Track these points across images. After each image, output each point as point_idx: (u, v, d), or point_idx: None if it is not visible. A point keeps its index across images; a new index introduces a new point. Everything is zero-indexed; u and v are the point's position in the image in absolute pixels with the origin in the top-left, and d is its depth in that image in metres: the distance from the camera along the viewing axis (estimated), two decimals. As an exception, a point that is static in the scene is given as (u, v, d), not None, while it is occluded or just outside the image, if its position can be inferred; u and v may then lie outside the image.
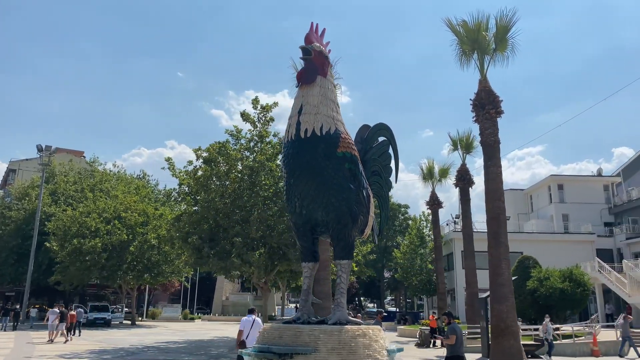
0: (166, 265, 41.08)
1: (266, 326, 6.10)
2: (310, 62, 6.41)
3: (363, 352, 5.31)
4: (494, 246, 16.98)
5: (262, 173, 22.51)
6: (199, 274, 57.53)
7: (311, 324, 5.92)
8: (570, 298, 25.61)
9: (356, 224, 6.54)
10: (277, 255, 22.76)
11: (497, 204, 17.27)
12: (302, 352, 5.07)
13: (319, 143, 6.14)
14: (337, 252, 6.48)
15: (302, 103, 6.32)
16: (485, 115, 17.74)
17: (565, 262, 32.12)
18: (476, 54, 18.22)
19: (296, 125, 6.27)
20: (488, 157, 17.69)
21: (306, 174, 6.22)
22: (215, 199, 21.90)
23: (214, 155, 22.55)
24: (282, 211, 22.48)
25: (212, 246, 21.64)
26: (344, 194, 6.27)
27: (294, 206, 6.49)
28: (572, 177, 49.57)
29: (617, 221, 44.27)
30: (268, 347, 5.28)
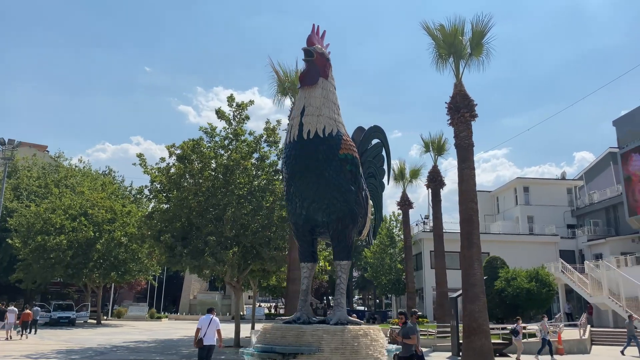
0: (134, 264, 40.39)
1: (267, 326, 6.09)
2: (312, 64, 6.42)
3: (365, 351, 5.37)
4: (467, 247, 17.31)
5: (237, 171, 22.34)
6: (166, 273, 56.74)
7: (312, 324, 5.93)
8: (536, 298, 26.36)
9: (356, 225, 6.59)
10: (250, 254, 22.67)
11: (470, 205, 17.62)
12: (306, 351, 5.09)
13: (321, 144, 6.15)
14: (337, 252, 6.51)
15: (304, 104, 6.32)
16: (460, 119, 18.06)
17: (529, 262, 33.04)
18: (452, 58, 18.50)
19: (298, 126, 6.26)
20: (462, 160, 18.02)
21: (308, 174, 6.22)
22: (189, 197, 21.63)
23: (187, 153, 22.25)
24: (257, 210, 22.39)
25: (185, 245, 21.36)
26: (346, 196, 6.30)
27: (295, 207, 6.49)
28: (537, 179, 50.91)
29: (579, 223, 45.73)
30: (271, 347, 5.27)
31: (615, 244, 38.67)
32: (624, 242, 38.37)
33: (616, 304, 29.70)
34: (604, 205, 43.73)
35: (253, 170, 23.37)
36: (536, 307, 27.49)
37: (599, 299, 31.07)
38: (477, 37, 18.26)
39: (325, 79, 6.45)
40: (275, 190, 23.28)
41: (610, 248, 38.41)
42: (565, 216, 46.92)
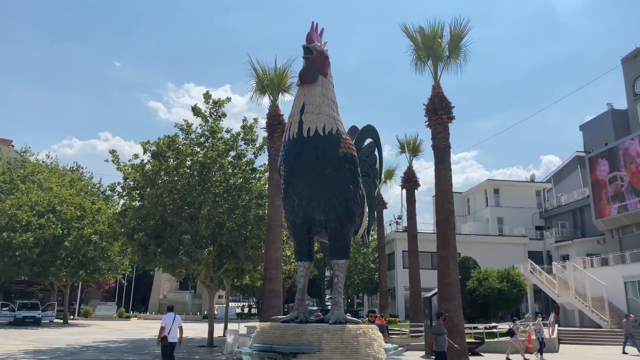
0: (103, 262, 39.60)
1: (265, 325, 6.02)
2: (312, 62, 6.39)
3: (365, 350, 5.37)
4: (443, 247, 17.53)
5: (213, 169, 22.13)
6: (135, 271, 55.80)
7: (309, 323, 5.89)
8: (507, 298, 26.86)
9: (354, 224, 6.59)
10: (226, 253, 22.49)
11: (447, 206, 17.84)
12: (307, 351, 5.06)
13: (321, 143, 6.13)
14: (334, 252, 6.49)
15: (304, 102, 6.28)
16: (438, 120, 18.26)
17: (499, 263, 33.68)
18: (431, 61, 18.68)
19: (298, 124, 6.22)
20: (439, 161, 18.23)
21: (307, 173, 6.19)
22: (164, 195, 21.32)
23: (163, 150, 21.92)
24: (233, 209, 22.22)
25: (159, 243, 21.05)
26: (345, 195, 6.29)
27: (292, 205, 6.44)
28: (507, 182, 51.91)
29: (547, 225, 46.84)
30: (271, 347, 5.22)
31: (581, 246, 39.75)
32: (590, 244, 39.48)
33: (582, 304, 30.53)
34: (571, 208, 44.89)
35: (229, 168, 23.19)
36: (507, 307, 28.04)
37: (566, 299, 31.89)
38: (455, 40, 18.47)
39: (324, 77, 6.44)
40: (251, 188, 23.16)
41: (576, 249, 39.45)
42: (534, 218, 48.00)
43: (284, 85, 20.80)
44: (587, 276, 31.13)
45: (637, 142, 32.92)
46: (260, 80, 20.72)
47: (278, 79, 20.49)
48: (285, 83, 20.74)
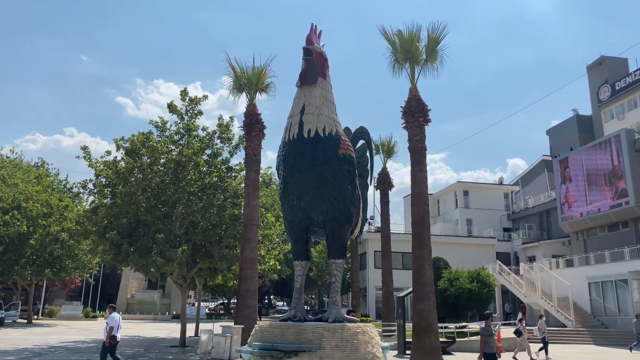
0: (70, 260, 38.70)
1: (264, 324, 6.03)
2: (312, 63, 6.42)
3: (364, 348, 5.44)
4: (418, 247, 17.76)
5: (188, 167, 21.91)
6: (102, 270, 54.73)
7: (308, 322, 5.93)
8: (477, 298, 27.42)
9: (351, 225, 6.66)
10: (199, 252, 22.30)
11: (422, 207, 18.09)
12: (308, 349, 5.10)
13: (321, 143, 6.17)
14: (332, 251, 6.54)
15: (304, 103, 6.31)
16: (414, 123, 18.49)
17: (468, 263, 34.35)
18: (408, 64, 18.90)
19: (298, 124, 6.25)
20: (415, 163, 18.45)
21: (307, 173, 6.22)
22: (137, 193, 21.00)
23: (137, 147, 21.59)
24: (207, 207, 22.04)
25: (132, 242, 20.73)
26: (343, 195, 6.36)
27: (291, 205, 6.47)
28: (477, 184, 52.92)
29: (514, 227, 47.94)
30: (272, 345, 5.23)
31: (547, 247, 40.83)
32: (556, 246, 40.60)
33: (548, 304, 31.37)
34: (537, 210, 46.07)
35: (205, 166, 23.00)
36: (477, 306, 28.62)
37: (533, 299, 32.70)
38: (433, 44, 18.71)
39: (323, 79, 6.49)
40: (227, 187, 23.02)
41: (543, 251, 40.51)
42: (502, 220, 49.06)
43: (262, 84, 20.74)
44: (553, 277, 32.01)
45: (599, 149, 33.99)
46: (238, 79, 20.62)
47: (256, 77, 20.42)
48: (263, 82, 20.69)
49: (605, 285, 30.02)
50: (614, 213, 32.13)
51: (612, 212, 32.15)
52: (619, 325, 28.55)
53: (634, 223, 31.75)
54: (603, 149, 33.32)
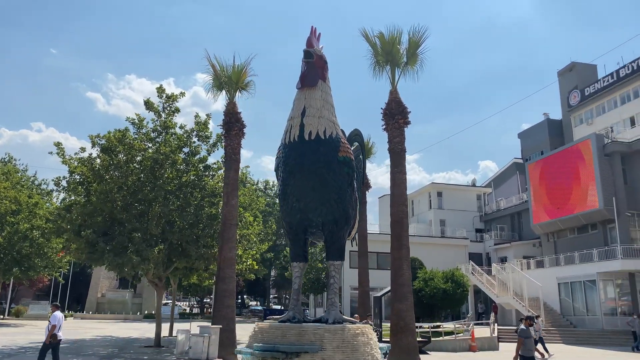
0: (39, 259, 37.81)
1: (263, 325, 6.02)
2: (312, 66, 6.44)
3: (363, 349, 5.49)
4: (397, 248, 17.93)
5: (166, 165, 21.66)
6: (72, 269, 53.62)
7: (307, 323, 5.94)
8: (452, 298, 27.82)
9: (349, 227, 6.70)
10: (176, 251, 22.09)
11: (402, 208, 18.28)
12: (310, 350, 5.12)
13: (322, 146, 6.20)
14: (331, 253, 6.57)
15: (304, 105, 6.32)
16: (395, 125, 18.65)
17: (441, 264, 34.86)
18: (389, 66, 19.07)
19: (299, 127, 6.25)
20: (395, 164, 18.63)
21: (308, 175, 6.23)
22: (113, 191, 20.67)
23: (114, 144, 21.25)
24: (184, 206, 21.85)
25: (107, 241, 20.39)
26: (342, 197, 6.40)
27: (291, 206, 6.47)
28: (450, 185, 53.67)
29: (486, 228, 48.80)
30: (273, 346, 5.23)
31: (518, 248, 41.69)
32: (527, 247, 41.48)
33: (520, 304, 32.03)
34: (509, 212, 46.98)
35: (182, 165, 22.78)
36: (451, 306, 29.04)
37: (505, 299, 33.36)
38: (413, 47, 18.91)
39: (323, 82, 6.51)
40: (205, 186, 22.85)
41: (514, 252, 41.35)
42: (475, 221, 49.86)
43: (242, 83, 20.62)
44: (524, 277, 32.70)
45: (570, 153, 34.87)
46: (218, 77, 20.44)
47: (236, 76, 20.28)
48: (244, 81, 20.57)
49: (574, 286, 30.83)
50: (583, 216, 33.01)
51: (582, 214, 33.02)
52: (586, 324, 29.34)
53: (602, 225, 32.68)
54: (573, 153, 34.18)
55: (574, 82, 52.14)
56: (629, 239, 30.26)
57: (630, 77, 45.61)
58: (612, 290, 29.13)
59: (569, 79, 52.87)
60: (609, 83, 47.81)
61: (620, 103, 47.31)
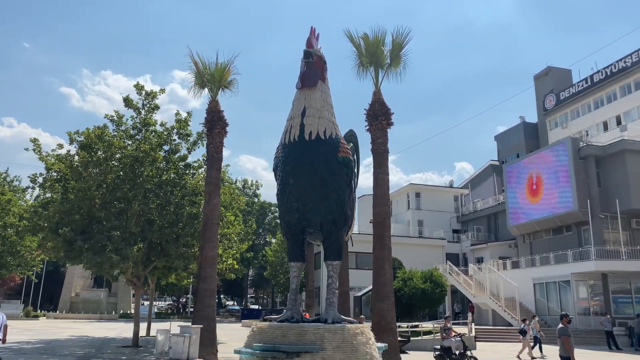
0: (11, 257, 36.96)
1: (263, 325, 5.99)
2: (312, 66, 6.43)
3: (363, 349, 5.51)
4: (379, 248, 18.05)
5: (145, 163, 21.40)
6: (45, 268, 52.54)
7: (305, 323, 5.93)
8: (431, 297, 28.09)
9: (347, 227, 6.71)
10: (155, 250, 21.84)
11: (384, 208, 18.40)
12: (311, 350, 5.12)
13: (322, 146, 6.19)
14: (329, 253, 6.57)
15: (305, 105, 6.31)
16: (378, 126, 18.75)
17: (419, 264, 35.20)
18: (372, 67, 19.15)
19: (299, 127, 6.24)
20: (377, 165, 18.74)
21: (307, 175, 6.22)
22: (92, 189, 20.34)
23: (93, 141, 20.92)
24: (164, 205, 21.62)
25: (86, 239, 20.05)
26: (341, 198, 6.40)
27: (289, 206, 6.44)
28: (428, 186, 54.19)
29: (463, 229, 49.42)
30: (274, 346, 5.21)
31: (494, 249, 42.32)
32: (502, 248, 42.13)
33: (496, 304, 32.54)
34: (486, 213, 47.65)
35: (162, 163, 22.54)
36: (430, 306, 29.32)
37: (481, 299, 33.84)
38: (397, 49, 19.01)
39: (323, 82, 6.51)
40: (185, 185, 22.63)
41: (490, 252, 41.96)
42: (452, 221, 50.44)
43: (225, 81, 20.47)
44: (500, 278, 33.22)
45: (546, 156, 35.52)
46: (201, 75, 20.26)
47: (219, 74, 20.12)
48: (227, 79, 20.42)
49: (549, 286, 31.43)
50: (558, 217, 33.67)
51: (557, 216, 33.68)
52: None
53: (577, 227, 33.39)
54: (549, 155, 34.83)
55: (550, 86, 53.21)
56: (602, 241, 30.98)
57: (604, 83, 46.77)
58: (585, 290, 29.78)
59: (544, 83, 53.92)
60: (583, 88, 48.93)
61: (594, 107, 48.48)
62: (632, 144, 32.24)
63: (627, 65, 44.44)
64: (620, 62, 45.10)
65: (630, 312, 28.75)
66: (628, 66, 44.30)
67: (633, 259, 28.78)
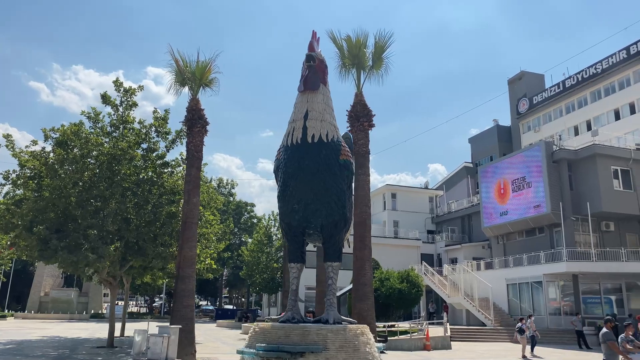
0: (-21, 256, 35.93)
1: (265, 326, 5.98)
2: (314, 69, 6.46)
3: (364, 349, 5.56)
4: (360, 248, 18.21)
5: (123, 161, 21.08)
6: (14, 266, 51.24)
7: (307, 323, 5.95)
8: (407, 297, 28.37)
9: (346, 229, 6.76)
10: (132, 249, 21.53)
11: (365, 209, 18.58)
12: (314, 350, 5.15)
13: (324, 149, 6.23)
14: (329, 254, 6.60)
15: (307, 108, 6.33)
16: (360, 127, 18.92)
17: (395, 264, 35.53)
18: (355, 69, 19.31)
19: (302, 129, 6.26)
20: (359, 166, 18.88)
21: (310, 177, 6.25)
22: (68, 186, 19.95)
23: (70, 138, 20.52)
24: (142, 204, 21.33)
25: (61, 238, 19.64)
26: (342, 200, 6.45)
27: (291, 208, 6.45)
28: (404, 187, 54.70)
29: (438, 230, 50.06)
30: (278, 347, 5.23)
31: (468, 250, 42.99)
32: (476, 249, 42.83)
33: (470, 304, 33.05)
34: (460, 215, 48.35)
35: (140, 161, 22.23)
36: (406, 306, 29.60)
37: (456, 299, 34.33)
38: (379, 51, 19.26)
39: (324, 86, 6.56)
40: (163, 184, 22.37)
41: (464, 253, 42.60)
42: (427, 222, 51.04)
43: (206, 79, 20.33)
44: (475, 278, 33.76)
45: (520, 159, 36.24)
46: (181, 72, 20.07)
47: (200, 72, 19.97)
48: (208, 77, 20.28)
49: (521, 287, 32.07)
50: (531, 219, 34.38)
51: (530, 218, 34.39)
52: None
53: (549, 229, 34.15)
54: (524, 158, 35.53)
55: (523, 90, 54.35)
56: (573, 243, 31.76)
57: (575, 88, 48.02)
58: (557, 291, 30.49)
59: (518, 87, 55.04)
60: (556, 93, 50.12)
61: (566, 112, 49.72)
62: (603, 149, 33.15)
63: (597, 72, 45.71)
64: (591, 69, 46.37)
65: (599, 312, 29.55)
66: (598, 72, 45.57)
67: (602, 261, 29.59)
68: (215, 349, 22.82)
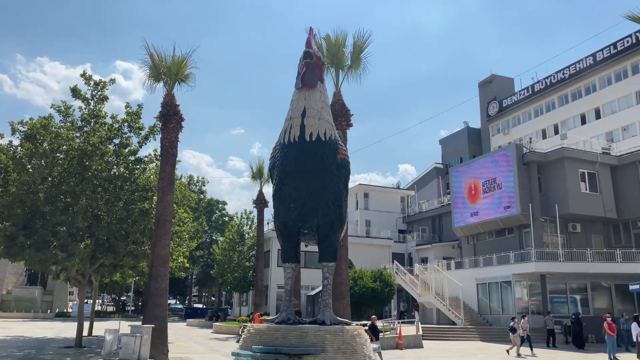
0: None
1: (261, 327, 5.85)
2: (311, 67, 6.35)
3: (361, 350, 5.50)
4: (336, 248, 18.16)
5: (94, 157, 20.57)
6: (-26, 264, 49.50)
7: (303, 324, 5.86)
8: (380, 296, 28.56)
9: (342, 228, 6.66)
10: (102, 247, 21.04)
11: (341, 209, 18.52)
12: (313, 352, 5.07)
13: (322, 147, 6.13)
14: (324, 254, 6.50)
15: (305, 106, 6.22)
16: (338, 127, 18.75)
17: (367, 263, 35.72)
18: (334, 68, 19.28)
19: (300, 127, 6.14)
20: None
21: (307, 176, 6.13)
22: (36, 182, 19.35)
23: (39, 132, 19.90)
24: (113, 200, 20.87)
25: (28, 235, 19.04)
26: (339, 199, 6.36)
27: (287, 206, 6.32)
28: (377, 187, 55.04)
29: (409, 229, 50.54)
30: (275, 348, 5.11)
31: (438, 250, 43.50)
32: (446, 248, 43.39)
33: (441, 303, 33.46)
34: (430, 215, 48.92)
35: (112, 157, 21.74)
36: (378, 305, 29.79)
37: (427, 298, 34.70)
38: (357, 51, 19.29)
39: (321, 83, 6.46)
40: (136, 180, 21.93)
41: (434, 253, 43.10)
42: (398, 222, 51.48)
43: (182, 74, 19.99)
44: (445, 278, 34.17)
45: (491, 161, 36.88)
46: (157, 67, 19.67)
47: (176, 67, 19.61)
48: (184, 72, 19.94)
49: (491, 286, 32.62)
50: (501, 220, 35.03)
51: (500, 219, 35.02)
52: (501, 322, 31.11)
53: (518, 230, 34.84)
54: (494, 160, 36.16)
55: (493, 93, 55.35)
56: (542, 243, 32.47)
57: (544, 92, 49.17)
58: (525, 290, 31.09)
59: (488, 90, 56.03)
60: (525, 96, 51.22)
61: (534, 116, 50.86)
62: (571, 152, 34.00)
63: (565, 77, 46.90)
64: (559, 74, 47.55)
65: (565, 311, 30.27)
66: (566, 78, 46.77)
67: (569, 261, 30.32)
68: (187, 349, 22.50)
